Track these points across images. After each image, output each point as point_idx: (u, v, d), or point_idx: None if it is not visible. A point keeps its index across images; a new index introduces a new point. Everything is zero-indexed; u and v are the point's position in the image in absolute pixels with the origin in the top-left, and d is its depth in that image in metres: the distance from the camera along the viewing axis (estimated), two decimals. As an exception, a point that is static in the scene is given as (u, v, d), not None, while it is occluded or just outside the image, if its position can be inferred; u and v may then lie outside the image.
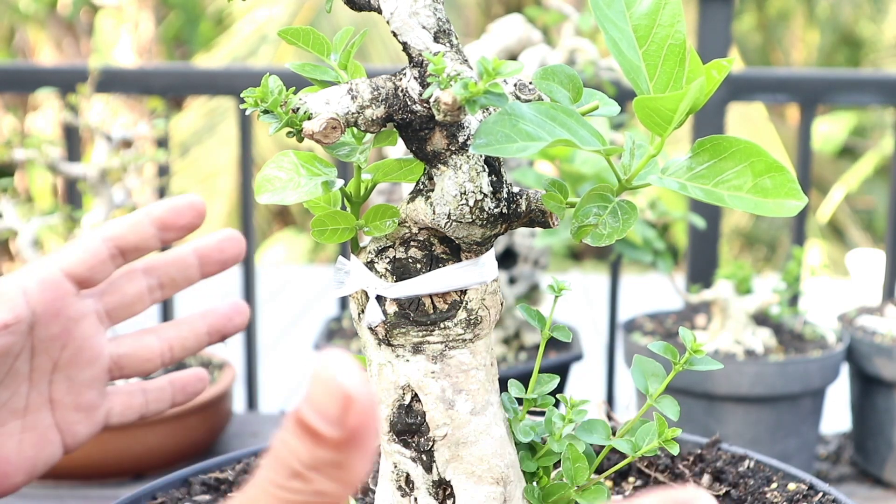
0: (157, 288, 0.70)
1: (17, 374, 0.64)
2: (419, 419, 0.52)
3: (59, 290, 0.64)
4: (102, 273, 0.66)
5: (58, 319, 0.64)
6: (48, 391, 0.66)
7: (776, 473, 0.64)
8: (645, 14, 0.49)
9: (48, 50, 6.95)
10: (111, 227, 0.67)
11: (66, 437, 0.66)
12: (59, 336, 0.65)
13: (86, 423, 0.67)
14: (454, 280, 0.51)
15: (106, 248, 0.66)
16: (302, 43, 0.52)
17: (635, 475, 0.67)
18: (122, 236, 0.67)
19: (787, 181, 0.45)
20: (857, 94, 1.47)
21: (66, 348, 0.65)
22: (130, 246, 0.67)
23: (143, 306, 0.70)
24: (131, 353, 0.69)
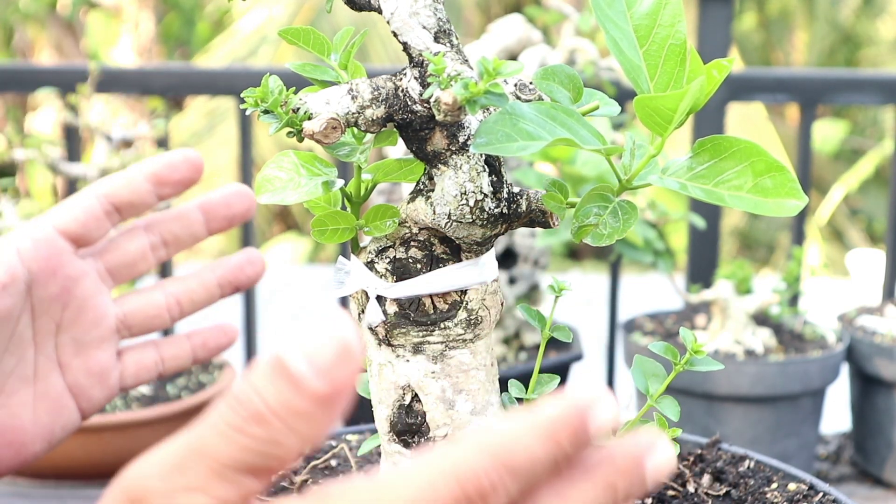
0: (161, 245, 0.68)
1: (20, 338, 0.63)
2: (419, 419, 0.52)
3: (53, 248, 0.63)
4: (98, 230, 0.65)
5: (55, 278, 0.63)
6: (55, 355, 0.65)
7: (776, 473, 0.64)
8: (646, 14, 0.49)
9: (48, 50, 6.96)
10: (105, 184, 0.66)
11: (81, 402, 0.65)
12: (58, 296, 0.64)
13: (99, 386, 0.66)
14: (454, 280, 0.51)
15: (100, 204, 0.65)
16: (302, 43, 0.52)
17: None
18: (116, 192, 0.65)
19: (788, 181, 0.45)
20: (857, 94, 1.47)
21: (67, 308, 0.64)
22: (125, 202, 0.65)
23: (147, 265, 0.68)
24: (136, 310, 0.67)
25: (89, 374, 0.65)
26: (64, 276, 0.64)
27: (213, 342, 0.70)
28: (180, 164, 0.66)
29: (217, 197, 0.68)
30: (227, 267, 0.69)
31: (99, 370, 0.65)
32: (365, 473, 0.63)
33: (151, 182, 0.66)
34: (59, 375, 0.65)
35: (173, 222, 0.68)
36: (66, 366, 0.65)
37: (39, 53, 6.96)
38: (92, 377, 0.65)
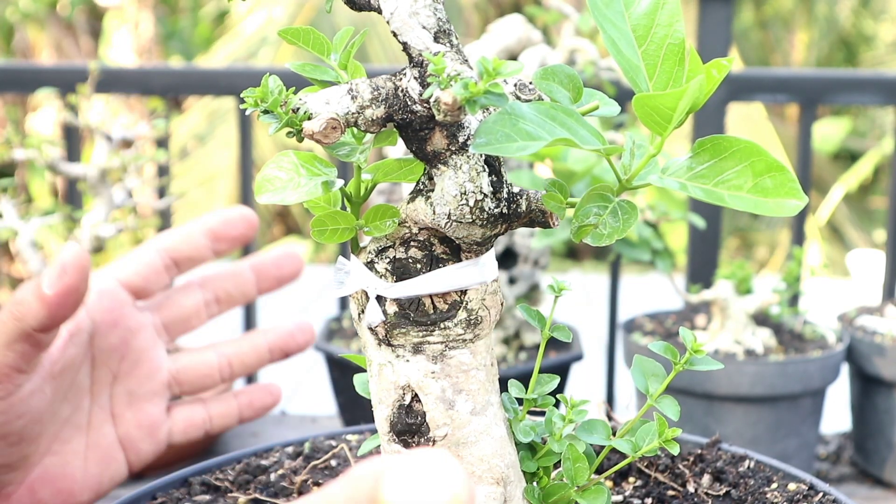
0: (214, 302, 0.70)
1: (79, 387, 0.64)
2: (419, 419, 0.52)
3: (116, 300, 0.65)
4: (157, 283, 0.67)
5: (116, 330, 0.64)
6: (109, 405, 0.65)
7: (776, 473, 0.64)
8: (643, 14, 0.49)
9: (48, 50, 6.95)
10: (165, 239, 0.68)
11: (129, 455, 0.66)
12: (117, 347, 0.65)
13: (149, 440, 0.66)
14: (454, 280, 0.51)
15: (160, 258, 0.67)
16: (302, 43, 0.52)
17: (635, 475, 0.67)
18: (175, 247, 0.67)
19: (788, 181, 0.45)
20: (857, 94, 1.47)
21: (124, 360, 0.65)
22: (184, 256, 0.67)
23: (200, 320, 0.70)
24: (189, 367, 0.68)
25: (140, 427, 0.66)
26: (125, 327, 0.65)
27: (258, 402, 0.72)
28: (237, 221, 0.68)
29: (269, 258, 0.70)
30: (278, 333, 0.71)
31: (149, 423, 0.66)
32: None
33: (209, 238, 0.68)
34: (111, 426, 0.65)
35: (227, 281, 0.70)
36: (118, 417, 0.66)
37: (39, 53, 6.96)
38: (142, 430, 0.66)
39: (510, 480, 0.53)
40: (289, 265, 0.71)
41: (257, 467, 0.69)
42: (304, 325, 0.72)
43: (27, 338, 0.57)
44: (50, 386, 0.61)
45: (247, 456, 0.70)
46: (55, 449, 0.63)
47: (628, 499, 0.64)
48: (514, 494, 0.53)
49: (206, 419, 0.69)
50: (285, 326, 0.71)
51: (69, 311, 0.58)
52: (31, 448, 0.61)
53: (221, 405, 0.70)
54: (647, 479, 0.66)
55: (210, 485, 0.67)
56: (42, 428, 0.62)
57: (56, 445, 0.63)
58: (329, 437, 0.73)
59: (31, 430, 0.61)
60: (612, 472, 0.59)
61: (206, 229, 0.68)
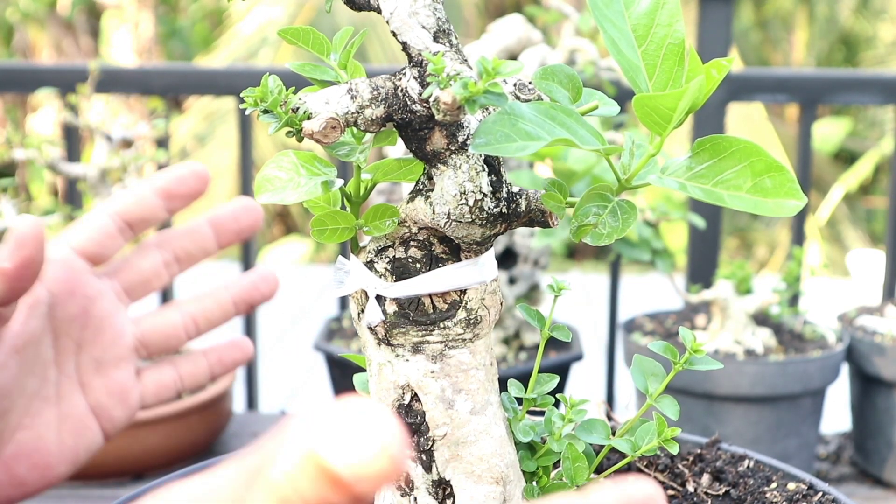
0: (174, 262, 0.69)
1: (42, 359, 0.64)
2: (419, 419, 0.52)
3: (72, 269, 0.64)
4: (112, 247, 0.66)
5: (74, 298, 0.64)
6: (77, 375, 0.65)
7: (776, 473, 0.64)
8: (643, 14, 0.49)
9: (48, 50, 6.95)
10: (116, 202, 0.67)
11: (103, 423, 0.66)
12: (77, 315, 0.64)
13: (121, 405, 0.66)
14: (454, 280, 0.51)
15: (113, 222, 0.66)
16: (302, 43, 0.52)
17: (635, 475, 0.67)
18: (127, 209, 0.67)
19: (787, 181, 0.45)
20: (857, 94, 1.47)
21: (86, 328, 0.65)
22: (137, 218, 0.67)
23: (161, 281, 0.69)
24: (153, 329, 0.68)
25: (110, 394, 0.66)
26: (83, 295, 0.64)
27: (228, 358, 0.71)
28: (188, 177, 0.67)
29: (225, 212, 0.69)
30: (241, 285, 0.70)
31: (119, 389, 0.66)
32: None
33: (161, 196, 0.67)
34: (80, 396, 0.65)
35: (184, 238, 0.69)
36: (87, 385, 0.65)
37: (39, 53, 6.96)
38: (113, 396, 0.66)
39: (510, 480, 0.53)
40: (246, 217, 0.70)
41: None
42: (267, 274, 0.71)
43: None
44: (14, 361, 0.61)
45: (247, 456, 0.70)
46: (26, 423, 0.63)
47: (628, 498, 0.64)
48: (513, 494, 0.53)
49: (177, 379, 0.69)
50: (248, 277, 0.71)
51: (27, 283, 0.57)
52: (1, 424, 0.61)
53: (191, 364, 0.70)
54: (647, 479, 0.66)
55: (210, 484, 0.67)
56: (10, 403, 0.61)
57: (27, 420, 0.63)
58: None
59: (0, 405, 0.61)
60: (612, 472, 0.59)
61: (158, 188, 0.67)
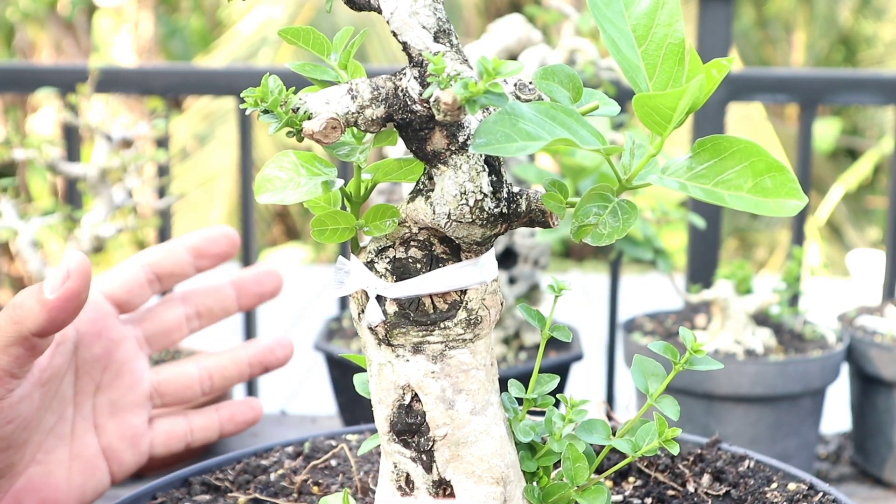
0: (195, 317, 0.71)
1: (63, 396, 0.65)
2: (419, 419, 0.52)
3: (100, 312, 0.66)
4: (140, 297, 0.68)
5: (99, 340, 0.66)
6: (92, 416, 0.66)
7: (776, 473, 0.64)
8: (643, 14, 0.49)
9: (48, 50, 6.95)
10: (148, 254, 0.70)
11: (112, 465, 0.67)
12: (100, 357, 0.66)
13: (131, 450, 0.67)
14: (454, 280, 0.51)
15: (144, 273, 0.68)
16: (302, 43, 0.52)
17: (635, 475, 0.67)
18: (158, 262, 0.69)
19: (788, 181, 0.45)
20: (857, 94, 1.47)
21: (107, 370, 0.66)
22: (166, 272, 0.69)
23: (181, 334, 0.71)
24: (170, 379, 0.70)
25: (122, 438, 0.67)
26: (108, 338, 0.66)
27: (240, 416, 0.73)
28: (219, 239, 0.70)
29: (249, 275, 0.72)
30: (258, 348, 0.73)
31: (132, 434, 0.67)
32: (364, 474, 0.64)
33: (191, 255, 0.69)
34: (94, 437, 0.66)
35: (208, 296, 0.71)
36: (101, 427, 0.67)
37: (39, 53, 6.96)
38: (125, 441, 0.67)
39: (510, 480, 0.53)
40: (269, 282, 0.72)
41: (257, 467, 0.69)
42: (283, 340, 0.73)
43: (24, 342, 0.58)
44: (38, 393, 0.62)
45: (247, 456, 0.70)
46: (39, 458, 0.64)
47: (628, 499, 0.64)
48: (513, 494, 0.53)
49: (188, 431, 0.70)
50: (265, 341, 0.73)
51: (69, 316, 0.58)
52: (17, 456, 0.62)
53: (203, 418, 0.71)
54: (647, 479, 0.66)
55: (210, 485, 0.67)
56: (28, 435, 0.62)
57: (40, 455, 0.64)
58: (329, 437, 0.73)
59: (19, 436, 0.61)
60: (612, 472, 0.59)
61: (189, 246, 0.70)
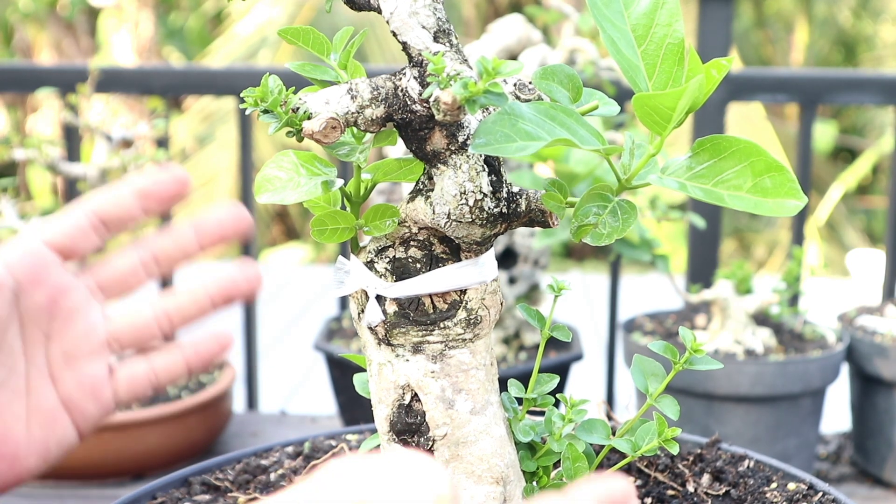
0: (153, 262, 0.69)
1: (10, 349, 0.64)
2: (419, 419, 0.52)
3: (39, 258, 0.64)
4: (85, 243, 0.66)
5: (42, 287, 0.64)
6: (46, 367, 0.65)
7: (776, 473, 0.64)
8: (643, 14, 0.49)
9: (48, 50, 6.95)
10: (92, 199, 0.67)
11: (75, 417, 0.66)
12: (45, 305, 0.65)
13: (93, 400, 0.66)
14: (454, 280, 0.51)
15: (86, 217, 0.66)
16: (302, 43, 0.52)
17: (635, 475, 0.67)
18: (102, 206, 0.67)
19: (787, 181, 0.45)
20: (857, 94, 1.47)
21: (54, 319, 0.65)
22: (112, 216, 0.67)
23: (138, 280, 0.69)
24: (125, 324, 0.68)
25: (81, 388, 0.66)
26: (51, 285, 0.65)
27: (205, 350, 0.70)
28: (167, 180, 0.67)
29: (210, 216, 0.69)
30: (219, 280, 0.69)
31: (91, 384, 0.66)
32: None
33: (137, 197, 0.67)
34: (51, 388, 0.65)
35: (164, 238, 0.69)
36: (57, 378, 0.65)
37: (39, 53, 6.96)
38: (84, 391, 0.66)
39: (510, 480, 0.53)
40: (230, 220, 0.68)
41: (257, 467, 0.69)
42: (247, 269, 0.69)
43: None
44: None
45: (247, 456, 0.71)
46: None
47: (628, 498, 0.64)
48: (513, 494, 0.53)
49: (150, 373, 0.68)
50: (227, 272, 0.69)
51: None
52: None
53: (165, 357, 0.69)
54: (647, 479, 0.66)
55: (210, 485, 0.67)
56: None
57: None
58: (329, 437, 0.73)
59: None
60: (612, 472, 0.59)
61: (136, 188, 0.67)
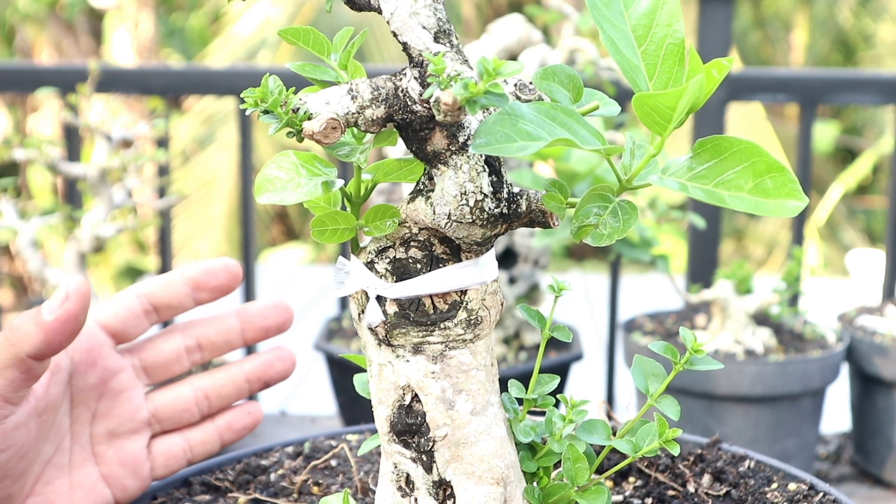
0: (196, 349, 0.71)
1: (60, 426, 0.65)
2: (419, 419, 0.52)
3: (95, 341, 0.66)
4: (136, 327, 0.68)
5: (94, 369, 0.66)
6: (90, 445, 0.67)
7: (776, 473, 0.64)
8: (643, 14, 0.49)
9: (48, 50, 6.95)
10: (145, 285, 0.69)
11: (115, 491, 0.67)
12: (96, 386, 0.66)
13: (132, 476, 0.67)
14: (454, 280, 0.51)
15: (140, 303, 0.68)
16: (302, 43, 0.52)
17: (635, 475, 0.67)
18: (155, 293, 0.69)
19: (788, 181, 0.45)
20: (857, 94, 1.47)
21: (102, 399, 0.66)
22: (163, 303, 0.69)
23: (181, 366, 0.70)
24: (166, 404, 0.69)
25: (122, 465, 0.67)
26: (103, 367, 0.66)
27: (238, 424, 0.72)
28: (219, 272, 0.69)
29: (255, 308, 0.70)
30: (256, 364, 0.71)
31: (132, 461, 0.67)
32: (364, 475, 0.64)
33: (190, 287, 0.68)
34: (93, 465, 0.66)
35: (209, 327, 0.70)
36: (100, 456, 0.66)
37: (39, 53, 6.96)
38: (125, 467, 0.67)
39: (510, 480, 0.53)
40: (275, 316, 0.71)
41: (257, 467, 0.69)
42: (282, 352, 0.72)
43: (19, 364, 0.58)
44: (34, 423, 0.62)
45: (247, 456, 0.71)
46: (38, 489, 0.64)
47: (628, 499, 0.64)
48: (514, 494, 0.53)
49: (186, 448, 0.70)
50: (264, 356, 0.72)
51: (67, 339, 0.58)
52: (15, 487, 0.62)
53: (200, 433, 0.71)
54: (648, 479, 0.66)
55: (210, 485, 0.67)
56: (26, 466, 0.62)
57: (39, 486, 0.64)
58: (329, 437, 0.73)
59: (16, 466, 0.61)
60: (613, 472, 0.59)
61: (188, 278, 0.69)
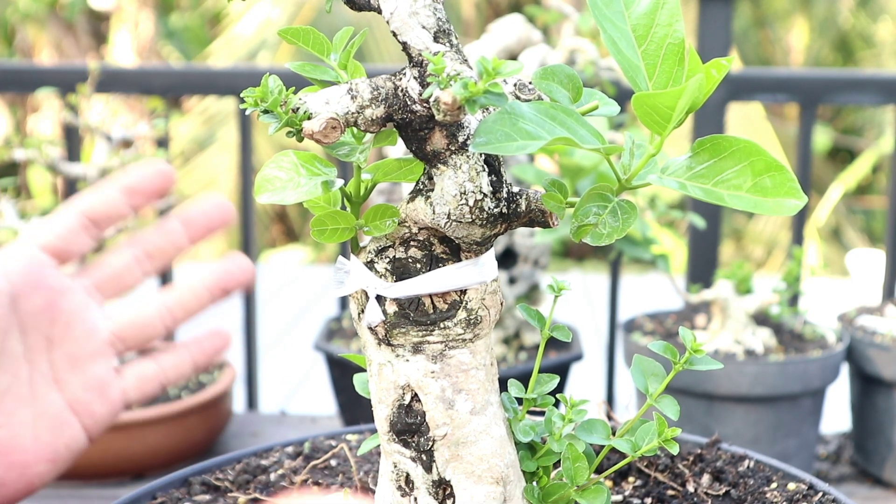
0: (145, 258, 0.70)
1: (11, 355, 0.63)
2: (419, 419, 0.52)
3: (35, 262, 0.65)
4: (77, 243, 0.67)
5: (39, 290, 0.64)
6: (50, 371, 0.65)
7: (776, 473, 0.64)
8: (643, 14, 0.49)
9: (48, 50, 6.95)
10: (80, 200, 0.68)
11: (83, 419, 0.66)
12: (44, 309, 0.64)
13: (101, 401, 0.66)
14: (454, 280, 0.51)
15: (77, 219, 0.67)
16: (302, 43, 0.52)
17: (635, 475, 0.67)
18: (90, 205, 0.68)
19: (787, 180, 0.45)
20: (857, 94, 1.47)
21: (55, 323, 0.65)
22: (101, 215, 0.68)
23: (134, 278, 0.69)
24: (128, 322, 0.68)
25: (88, 389, 0.65)
26: (48, 288, 0.65)
27: (209, 346, 0.71)
28: (152, 175, 0.68)
29: (195, 209, 0.70)
30: (215, 273, 0.70)
31: (97, 384, 0.66)
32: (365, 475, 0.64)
33: (124, 193, 0.68)
34: (56, 392, 0.65)
35: (153, 234, 0.70)
36: (62, 382, 0.65)
37: (39, 53, 6.96)
38: (91, 392, 0.65)
39: (510, 480, 0.53)
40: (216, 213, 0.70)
41: (257, 467, 0.69)
42: (240, 261, 0.71)
43: None
44: None
45: (247, 456, 0.71)
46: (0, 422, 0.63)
47: (628, 498, 0.64)
48: (513, 494, 0.53)
49: (159, 371, 0.69)
50: (222, 265, 0.71)
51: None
52: None
53: (172, 356, 0.70)
54: (647, 479, 0.66)
55: (210, 485, 0.67)
56: None
57: (1, 418, 0.63)
58: (329, 437, 0.73)
59: None
60: (612, 472, 0.59)
61: (121, 185, 0.68)
